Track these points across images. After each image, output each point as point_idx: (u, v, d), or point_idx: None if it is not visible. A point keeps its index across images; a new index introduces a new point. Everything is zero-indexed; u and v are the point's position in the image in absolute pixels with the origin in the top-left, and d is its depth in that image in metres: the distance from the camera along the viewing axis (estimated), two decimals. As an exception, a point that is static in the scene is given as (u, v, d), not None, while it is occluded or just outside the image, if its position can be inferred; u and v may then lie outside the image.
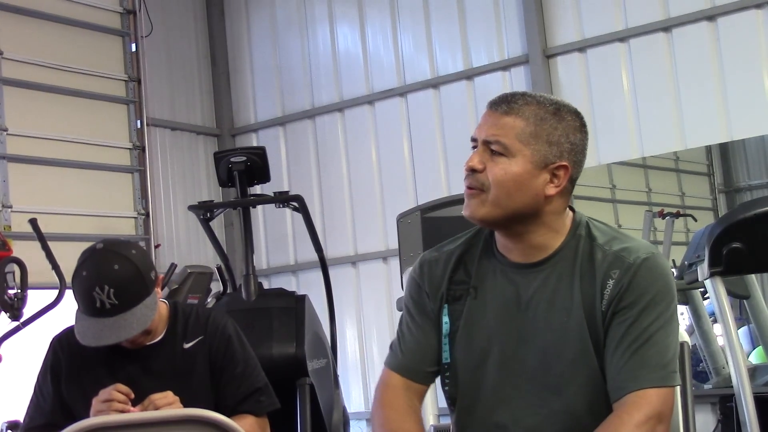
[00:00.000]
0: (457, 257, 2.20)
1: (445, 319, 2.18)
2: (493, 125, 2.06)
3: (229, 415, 2.67)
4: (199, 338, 2.85)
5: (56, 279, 5.00)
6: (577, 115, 2.11)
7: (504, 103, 2.07)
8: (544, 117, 2.05)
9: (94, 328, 2.63)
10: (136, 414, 2.05)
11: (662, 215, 6.37)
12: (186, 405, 2.66)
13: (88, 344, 2.65)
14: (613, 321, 2.03)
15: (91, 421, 1.99)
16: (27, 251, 5.31)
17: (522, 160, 2.03)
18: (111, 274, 2.63)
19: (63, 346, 2.84)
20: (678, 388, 2.19)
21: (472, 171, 2.06)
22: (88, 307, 2.63)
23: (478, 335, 2.13)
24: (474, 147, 2.10)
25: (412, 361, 2.21)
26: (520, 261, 2.12)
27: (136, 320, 2.64)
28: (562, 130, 2.06)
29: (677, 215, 6.39)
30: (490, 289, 2.14)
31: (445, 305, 2.18)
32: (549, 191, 2.06)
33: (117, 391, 2.62)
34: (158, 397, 2.59)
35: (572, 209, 2.17)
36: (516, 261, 2.13)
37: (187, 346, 2.83)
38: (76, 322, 2.68)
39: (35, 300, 4.95)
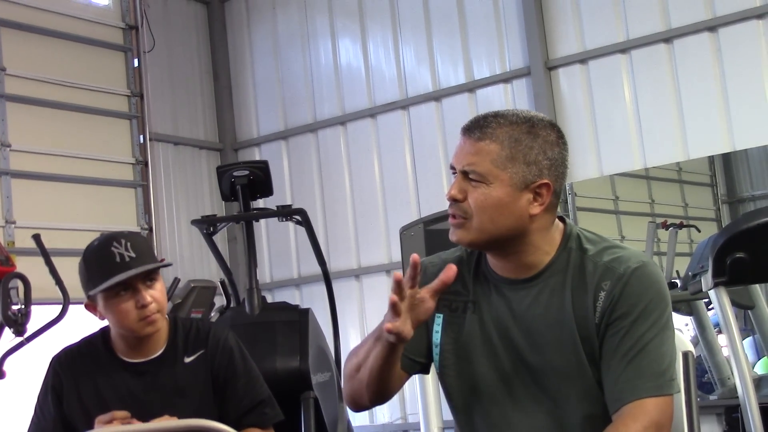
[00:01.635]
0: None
1: (437, 328, 2.17)
2: (468, 153, 2.05)
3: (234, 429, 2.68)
4: (201, 352, 2.84)
5: (60, 294, 5.00)
6: (552, 128, 2.09)
7: (477, 129, 2.06)
8: (519, 137, 2.03)
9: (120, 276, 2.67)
10: (140, 425, 2.05)
11: (665, 226, 6.37)
12: (190, 418, 2.67)
13: (118, 281, 2.66)
14: (607, 332, 2.01)
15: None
16: (30, 267, 5.30)
17: (501, 185, 2.02)
18: (124, 234, 2.75)
19: (63, 365, 2.83)
20: (683, 399, 2.18)
21: (453, 200, 2.07)
22: (109, 264, 2.67)
23: (476, 352, 2.12)
24: (454, 174, 2.10)
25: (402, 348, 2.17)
26: (512, 277, 2.12)
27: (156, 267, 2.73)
28: (539, 148, 2.04)
29: (680, 226, 6.39)
30: (486, 306, 2.14)
31: (440, 315, 2.17)
32: (533, 210, 2.05)
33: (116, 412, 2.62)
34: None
35: (563, 221, 2.16)
36: (508, 277, 2.12)
37: (188, 360, 2.82)
38: (97, 289, 2.70)
39: (39, 315, 4.95)
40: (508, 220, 2.04)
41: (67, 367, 2.81)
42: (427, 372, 2.24)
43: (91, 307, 2.79)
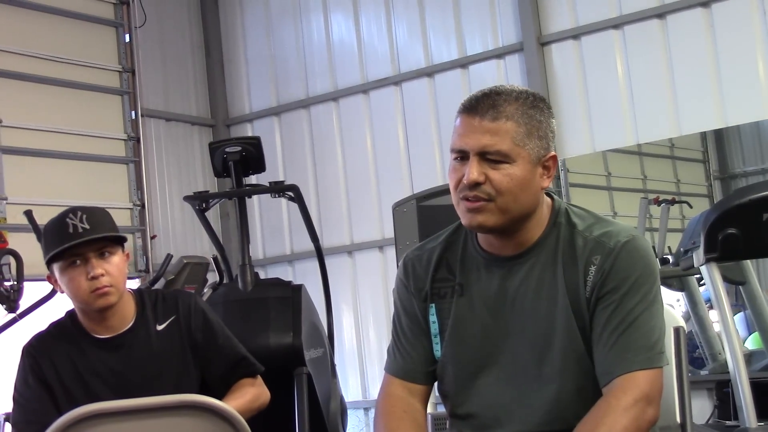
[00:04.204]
0: (438, 255, 2.20)
1: (433, 318, 2.18)
2: (485, 133, 2.01)
3: (223, 387, 2.78)
4: (172, 318, 2.86)
5: (52, 271, 4.99)
6: (544, 100, 2.10)
7: (490, 109, 2.01)
8: (528, 112, 2.03)
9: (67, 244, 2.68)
10: (132, 401, 2.05)
11: (658, 202, 6.37)
12: (172, 384, 2.71)
13: (60, 250, 2.68)
14: (598, 306, 2.03)
15: (88, 408, 1.99)
16: (22, 243, 5.30)
17: (522, 162, 2.01)
18: (84, 207, 2.75)
19: (38, 350, 2.81)
20: (674, 374, 2.20)
21: (476, 184, 2.01)
22: (62, 234, 2.68)
23: (467, 333, 2.13)
24: (457, 158, 2.05)
25: (411, 362, 2.21)
26: (503, 254, 2.12)
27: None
28: (545, 121, 2.06)
29: (673, 202, 6.39)
30: (476, 286, 2.14)
31: (432, 304, 2.18)
32: (544, 184, 2.07)
33: None
34: None
35: (551, 197, 2.16)
36: (498, 254, 2.13)
37: (160, 327, 2.84)
38: (49, 256, 2.71)
39: (31, 292, 4.95)
40: (529, 197, 2.04)
41: (43, 352, 2.80)
42: None
43: (51, 279, 2.81)
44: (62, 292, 2.80)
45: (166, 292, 2.97)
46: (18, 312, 4.84)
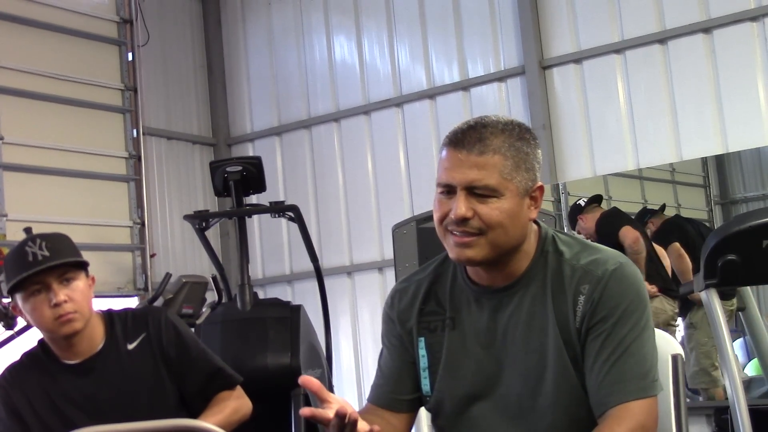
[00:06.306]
0: (426, 287, 2.17)
1: (422, 352, 2.14)
2: (472, 167, 1.97)
3: (201, 401, 2.74)
4: (143, 336, 2.80)
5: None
6: (530, 131, 2.06)
7: (477, 142, 1.97)
8: (515, 145, 1.99)
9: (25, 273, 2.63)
10: (126, 425, 2.02)
11: (658, 227, 6.36)
12: (147, 403, 2.68)
13: (20, 279, 2.64)
14: (589, 336, 2.00)
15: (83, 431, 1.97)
16: (22, 260, 5.29)
17: (510, 196, 1.98)
18: (44, 234, 2.70)
19: (10, 383, 2.77)
20: (672, 400, 2.18)
21: (464, 220, 1.97)
22: (22, 263, 2.63)
23: (461, 367, 2.10)
24: (443, 192, 2.01)
25: (388, 391, 2.19)
26: (491, 285, 2.09)
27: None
28: (532, 153, 2.02)
29: (673, 227, 6.38)
30: (467, 319, 2.11)
31: (421, 338, 2.15)
32: (531, 215, 2.04)
33: None
34: None
35: (537, 224, 2.13)
36: (488, 286, 2.10)
37: (131, 346, 2.79)
38: (10, 286, 2.67)
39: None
40: (518, 229, 2.02)
41: (15, 384, 2.76)
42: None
43: (15, 309, 2.76)
44: (28, 321, 2.75)
45: (136, 310, 2.91)
46: (16, 329, 4.83)
